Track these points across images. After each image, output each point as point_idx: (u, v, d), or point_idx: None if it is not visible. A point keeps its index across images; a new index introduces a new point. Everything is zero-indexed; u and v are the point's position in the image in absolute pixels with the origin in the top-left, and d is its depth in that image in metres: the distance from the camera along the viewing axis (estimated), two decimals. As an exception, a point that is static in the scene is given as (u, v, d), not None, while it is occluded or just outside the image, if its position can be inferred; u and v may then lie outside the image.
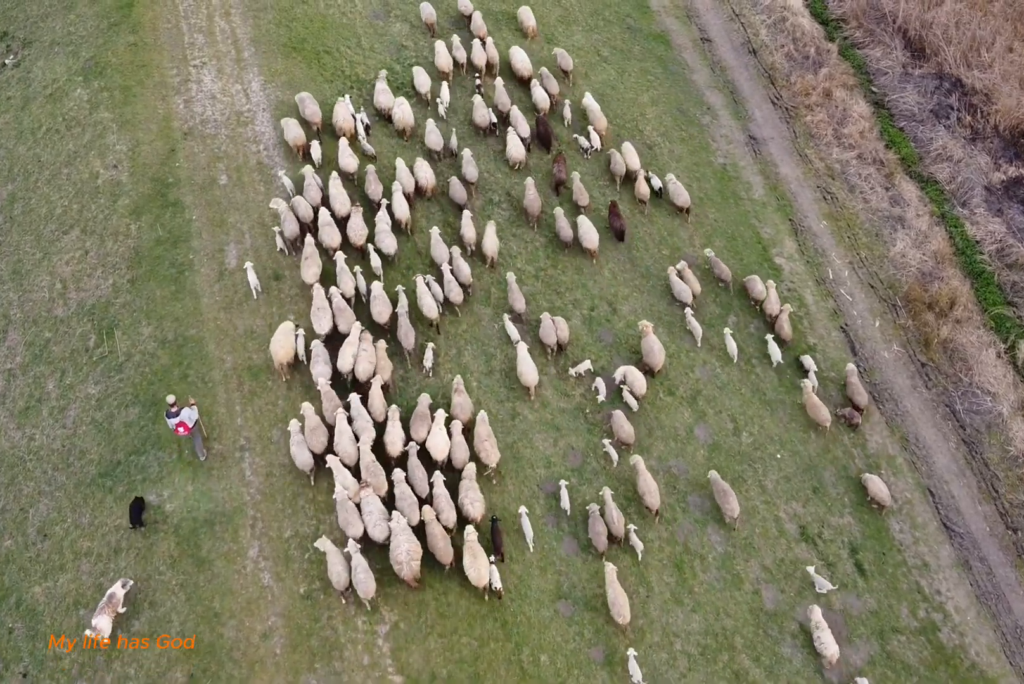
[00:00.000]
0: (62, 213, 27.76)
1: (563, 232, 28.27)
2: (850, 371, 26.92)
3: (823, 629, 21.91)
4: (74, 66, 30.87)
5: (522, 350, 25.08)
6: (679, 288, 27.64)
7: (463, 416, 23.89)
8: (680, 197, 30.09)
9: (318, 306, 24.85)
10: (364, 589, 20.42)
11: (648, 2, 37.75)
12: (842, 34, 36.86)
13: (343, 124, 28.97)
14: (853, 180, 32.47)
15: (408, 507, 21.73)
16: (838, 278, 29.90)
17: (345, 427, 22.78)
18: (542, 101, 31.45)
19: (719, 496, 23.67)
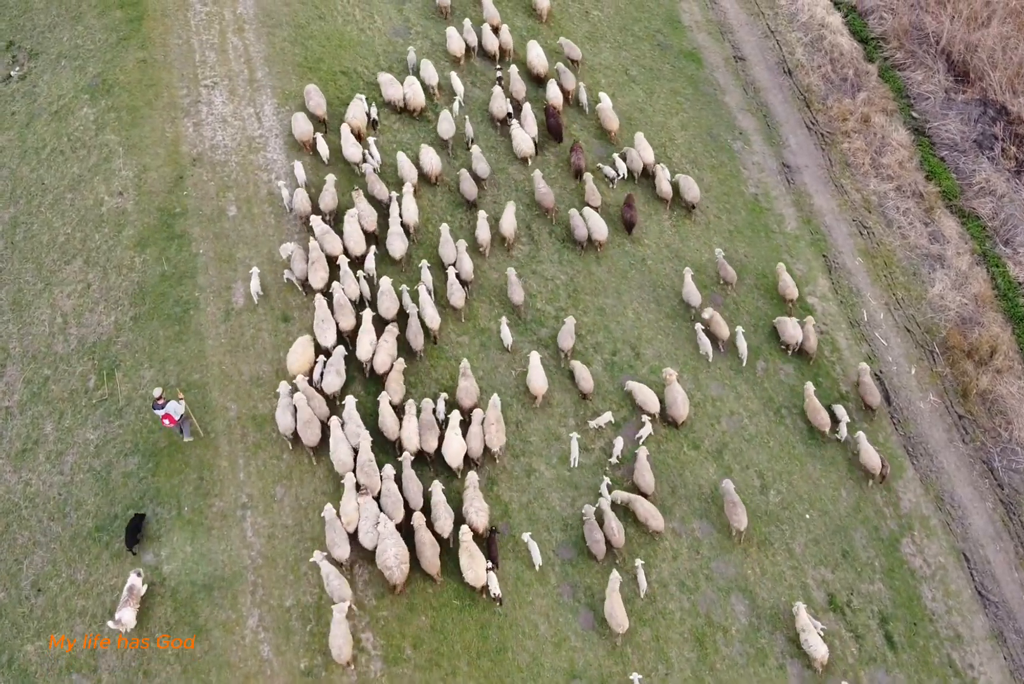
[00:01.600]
0: (64, 241, 26.63)
1: (578, 231, 27.68)
2: (863, 370, 26.20)
3: (810, 631, 21.53)
4: (81, 82, 29.64)
5: (534, 359, 24.65)
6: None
7: (468, 401, 23.69)
8: (690, 192, 29.33)
9: (322, 318, 24.06)
10: (339, 595, 20.20)
11: (679, 17, 36.23)
12: (882, 54, 35.27)
13: (356, 122, 28.39)
14: (891, 214, 31.03)
15: (392, 505, 21.49)
16: (873, 320, 28.55)
17: (340, 435, 22.36)
18: (555, 98, 30.71)
19: (728, 507, 23.11)
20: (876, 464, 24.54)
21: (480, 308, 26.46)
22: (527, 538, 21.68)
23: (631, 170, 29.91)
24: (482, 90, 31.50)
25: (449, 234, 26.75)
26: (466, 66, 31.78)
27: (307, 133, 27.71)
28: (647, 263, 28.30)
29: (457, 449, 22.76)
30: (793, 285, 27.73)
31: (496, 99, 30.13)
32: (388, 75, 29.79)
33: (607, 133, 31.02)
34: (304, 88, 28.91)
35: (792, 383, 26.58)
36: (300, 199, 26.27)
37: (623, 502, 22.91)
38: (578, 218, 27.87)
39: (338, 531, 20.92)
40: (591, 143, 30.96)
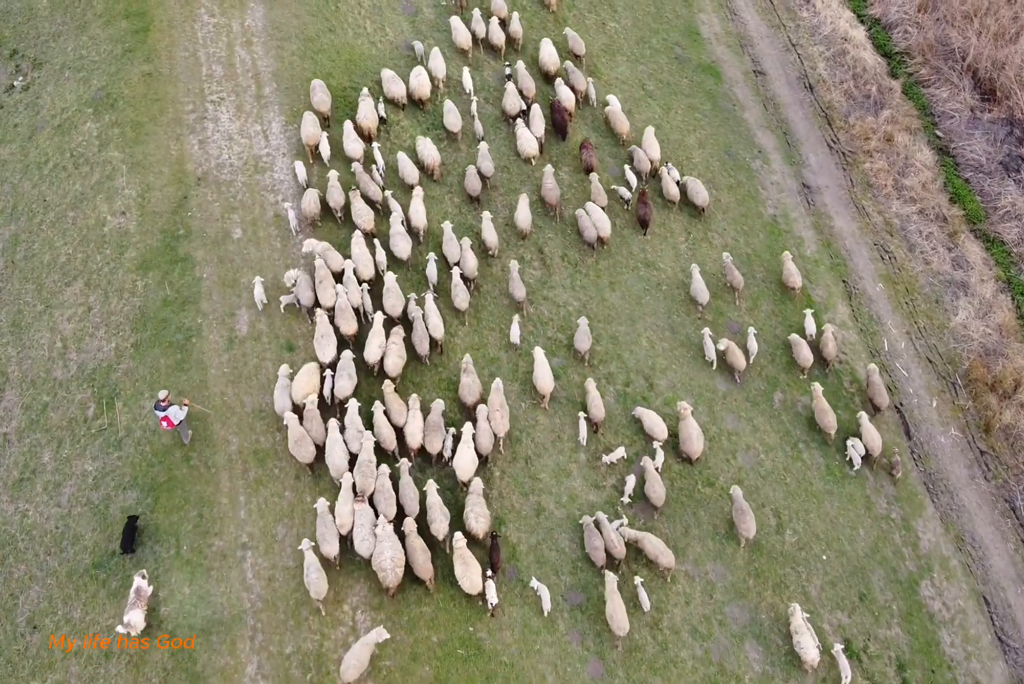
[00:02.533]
0: (66, 262, 25.98)
1: (587, 232, 27.38)
2: (872, 370, 25.79)
3: (803, 633, 21.33)
4: (85, 95, 28.92)
5: (539, 355, 24.41)
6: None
7: (471, 397, 23.50)
8: (699, 196, 28.94)
9: (322, 333, 23.62)
10: (315, 589, 20.13)
11: (698, 28, 35.32)
12: (906, 69, 34.34)
13: (367, 123, 28.04)
14: (913, 238, 30.20)
15: (385, 501, 21.41)
16: (894, 350, 27.76)
17: (337, 437, 22.14)
18: (567, 99, 30.28)
19: (736, 514, 22.87)
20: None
21: (485, 308, 26.16)
22: (536, 585, 21.03)
23: (638, 171, 29.54)
24: (494, 86, 31.05)
25: (452, 232, 26.30)
26: (474, 60, 31.26)
27: (315, 136, 27.27)
28: (662, 288, 27.54)
29: (468, 463, 22.43)
30: (797, 274, 27.69)
31: (509, 96, 29.77)
32: (390, 71, 29.36)
33: (617, 136, 30.47)
34: (310, 83, 28.45)
35: (810, 415, 25.83)
36: (309, 200, 25.90)
37: (632, 540, 22.24)
38: (586, 219, 27.48)
39: (329, 527, 20.86)
40: (599, 142, 30.40)
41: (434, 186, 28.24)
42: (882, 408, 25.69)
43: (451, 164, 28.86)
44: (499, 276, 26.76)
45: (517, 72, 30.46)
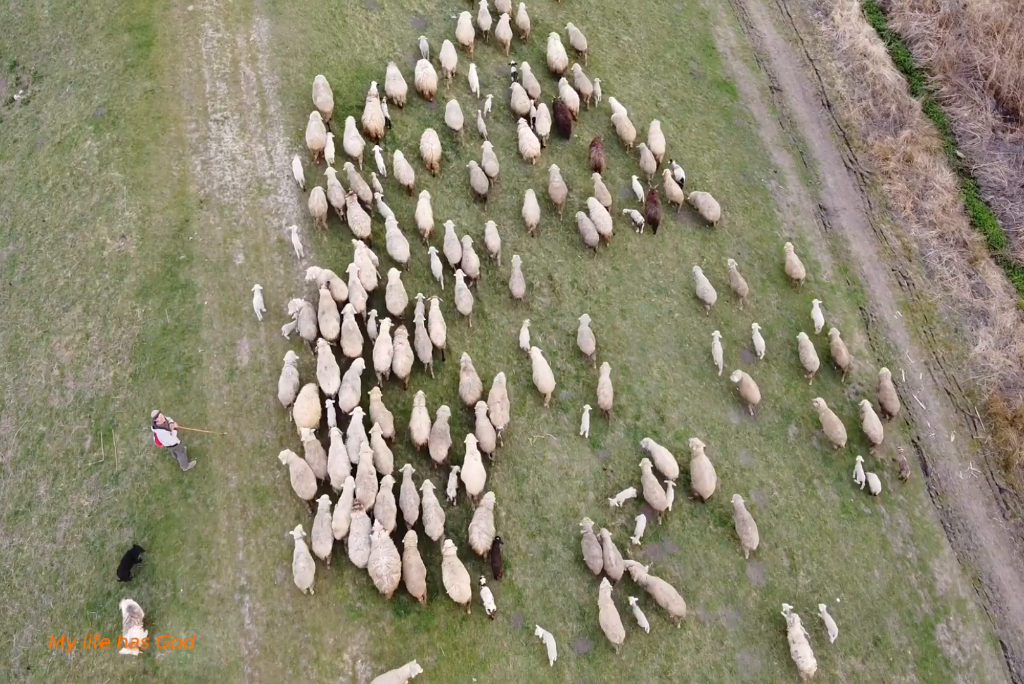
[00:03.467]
0: (64, 286, 25.38)
1: (588, 235, 27.10)
2: (884, 375, 25.65)
3: (801, 642, 21.17)
4: (86, 111, 28.26)
5: (537, 355, 24.23)
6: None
7: (471, 396, 23.45)
8: (711, 210, 28.47)
9: (325, 364, 22.94)
10: (300, 578, 20.20)
11: (714, 42, 34.52)
12: (926, 87, 33.52)
13: (374, 124, 27.62)
14: (932, 264, 29.46)
15: (385, 513, 21.10)
16: (911, 381, 27.08)
17: (340, 447, 21.84)
18: (571, 101, 29.95)
19: (739, 525, 22.69)
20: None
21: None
22: (541, 633, 20.43)
23: (646, 172, 29.23)
24: (499, 83, 30.67)
25: (454, 231, 26.03)
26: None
27: (319, 141, 26.83)
28: (674, 316, 26.87)
29: (477, 475, 22.20)
30: (800, 265, 27.77)
31: (517, 95, 29.45)
32: (395, 68, 28.91)
33: (623, 143, 29.99)
34: (313, 81, 27.91)
35: (825, 450, 25.22)
36: (316, 199, 25.45)
37: (643, 585, 21.62)
38: (586, 222, 27.15)
39: (325, 526, 20.83)
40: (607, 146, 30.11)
41: (438, 186, 27.84)
42: (894, 413, 25.50)
43: (455, 163, 28.50)
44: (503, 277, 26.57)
45: (523, 73, 30.06)
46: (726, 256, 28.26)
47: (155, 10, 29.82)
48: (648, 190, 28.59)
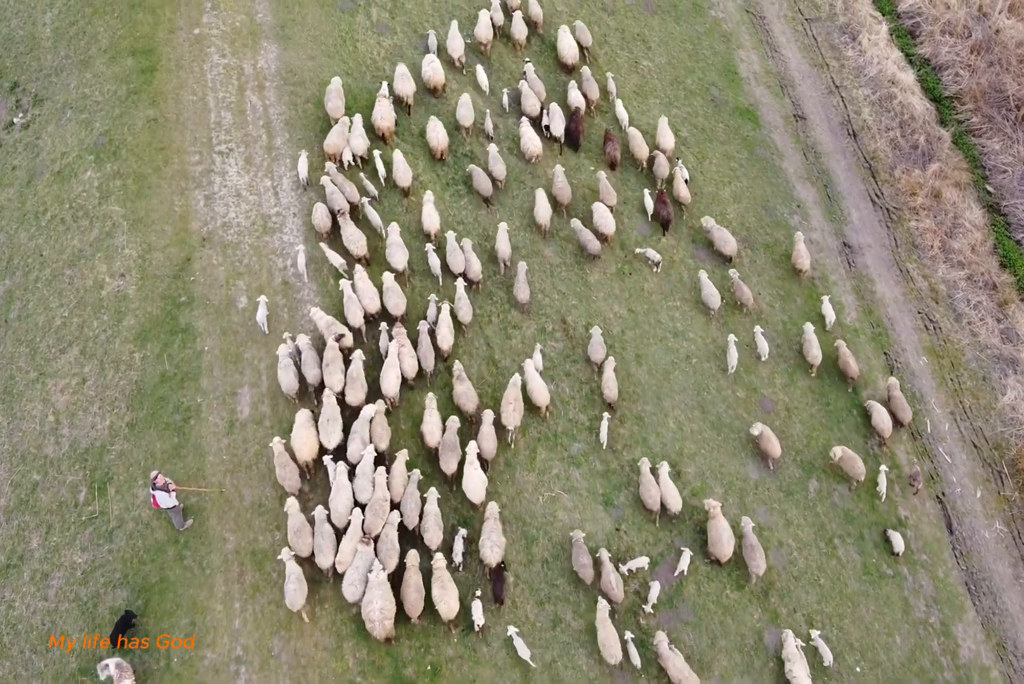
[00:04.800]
0: (61, 325, 24.52)
1: (591, 245, 26.58)
2: (892, 385, 25.47)
3: (795, 661, 20.85)
4: (86, 140, 27.33)
5: (530, 369, 23.83)
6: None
7: (470, 405, 23.11)
8: (728, 245, 27.61)
9: (328, 417, 22.11)
10: (291, 599, 19.75)
11: (736, 67, 33.39)
12: (956, 116, 32.37)
13: (384, 124, 27.11)
14: (960, 307, 28.40)
15: (387, 552, 20.57)
16: (937, 432, 26.09)
17: (344, 483, 21.14)
18: (576, 103, 29.24)
19: (747, 550, 22.15)
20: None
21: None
22: (512, 632, 20.05)
23: (658, 177, 28.63)
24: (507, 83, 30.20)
25: (456, 241, 25.41)
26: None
27: (338, 146, 26.33)
28: (691, 362, 25.89)
29: (478, 484, 21.90)
30: (806, 255, 27.59)
31: (527, 98, 28.81)
32: (403, 67, 28.24)
33: (636, 162, 29.19)
34: (328, 87, 27.34)
35: (847, 506, 24.29)
36: (320, 214, 24.95)
37: (658, 657, 20.74)
38: (584, 232, 26.61)
39: (327, 538, 20.48)
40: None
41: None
42: (905, 422, 25.32)
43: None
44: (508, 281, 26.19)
45: (528, 74, 29.47)
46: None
47: (160, 33, 28.85)
48: (656, 190, 28.25)
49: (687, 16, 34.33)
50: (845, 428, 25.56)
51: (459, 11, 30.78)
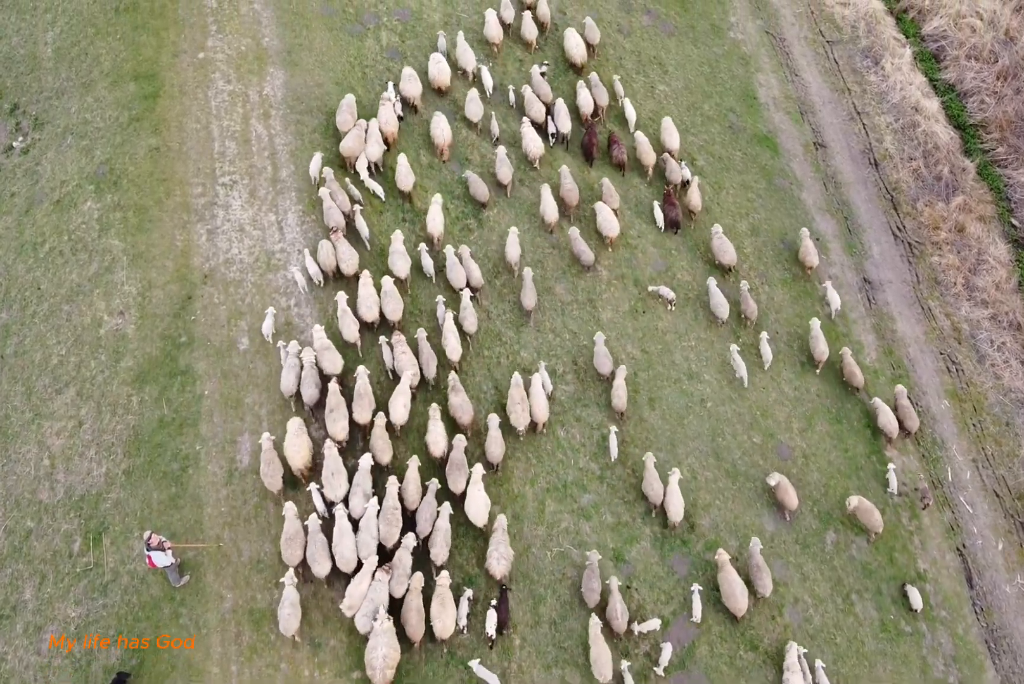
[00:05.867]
0: (58, 364, 23.83)
1: (584, 256, 26.10)
2: (899, 393, 25.35)
3: (795, 671, 20.70)
4: (87, 168, 26.58)
5: (536, 384, 23.44)
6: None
7: (465, 417, 22.85)
8: (726, 255, 27.12)
9: (332, 471, 21.53)
10: (285, 625, 19.52)
11: (755, 92, 32.49)
12: (981, 145, 31.44)
13: (389, 128, 26.89)
14: (984, 348, 27.56)
15: (399, 577, 20.31)
16: (958, 480, 25.31)
17: (346, 528, 20.61)
18: (586, 105, 28.92)
19: (753, 571, 21.88)
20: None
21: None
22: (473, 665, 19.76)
23: (670, 182, 28.41)
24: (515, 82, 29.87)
25: (455, 256, 25.04)
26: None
27: (355, 150, 26.08)
28: (707, 405, 25.12)
29: (481, 507, 21.62)
30: (815, 252, 27.41)
31: (532, 103, 28.44)
32: (410, 69, 27.89)
33: (643, 168, 28.79)
34: (341, 101, 26.97)
35: (864, 559, 23.54)
36: (326, 252, 24.37)
37: None
38: (579, 242, 26.19)
39: (320, 547, 20.25)
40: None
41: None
42: (912, 430, 25.16)
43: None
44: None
45: (533, 76, 29.08)
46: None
47: (163, 57, 28.06)
48: (664, 191, 28.05)
49: (705, 38, 33.43)
50: (864, 476, 24.80)
51: (471, 34, 29.92)
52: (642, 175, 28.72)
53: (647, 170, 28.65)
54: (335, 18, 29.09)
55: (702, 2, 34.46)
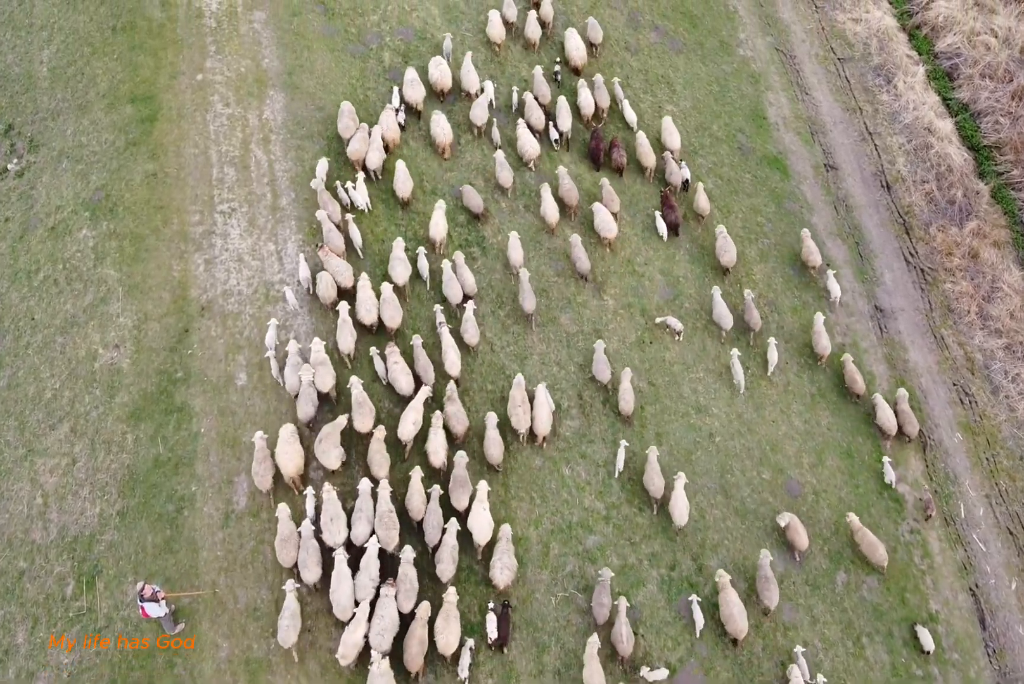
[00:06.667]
0: (51, 399, 23.31)
1: (579, 264, 25.82)
2: (901, 397, 25.18)
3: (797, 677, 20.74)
4: (82, 193, 26.03)
5: (541, 393, 23.29)
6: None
7: (460, 427, 22.64)
8: (726, 255, 26.93)
9: (331, 516, 21.04)
10: (284, 636, 19.33)
11: (765, 111, 31.84)
12: (995, 167, 30.79)
13: (390, 134, 26.73)
14: (997, 379, 26.96)
15: (405, 592, 20.11)
16: (971, 517, 24.75)
17: (344, 572, 20.08)
18: (586, 106, 28.78)
19: (761, 582, 21.78)
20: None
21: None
22: None
23: (670, 183, 28.27)
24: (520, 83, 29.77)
25: (451, 271, 24.70)
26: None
27: (362, 153, 25.99)
28: (715, 440, 24.58)
29: (485, 526, 21.31)
30: (817, 252, 27.37)
31: (532, 110, 28.17)
32: (413, 72, 27.60)
33: (643, 169, 28.63)
34: (339, 108, 26.73)
35: (876, 600, 23.01)
36: (326, 284, 23.86)
37: None
38: (579, 249, 25.87)
39: (312, 553, 20.10)
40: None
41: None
42: (912, 436, 25.03)
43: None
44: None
45: (534, 78, 28.77)
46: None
47: (161, 78, 27.47)
48: (661, 192, 27.89)
49: (714, 55, 32.78)
50: (876, 513, 24.26)
51: (477, 54, 29.34)
52: (643, 176, 28.59)
53: (647, 171, 28.51)
54: (337, 38, 28.48)
55: (711, 17, 33.81)
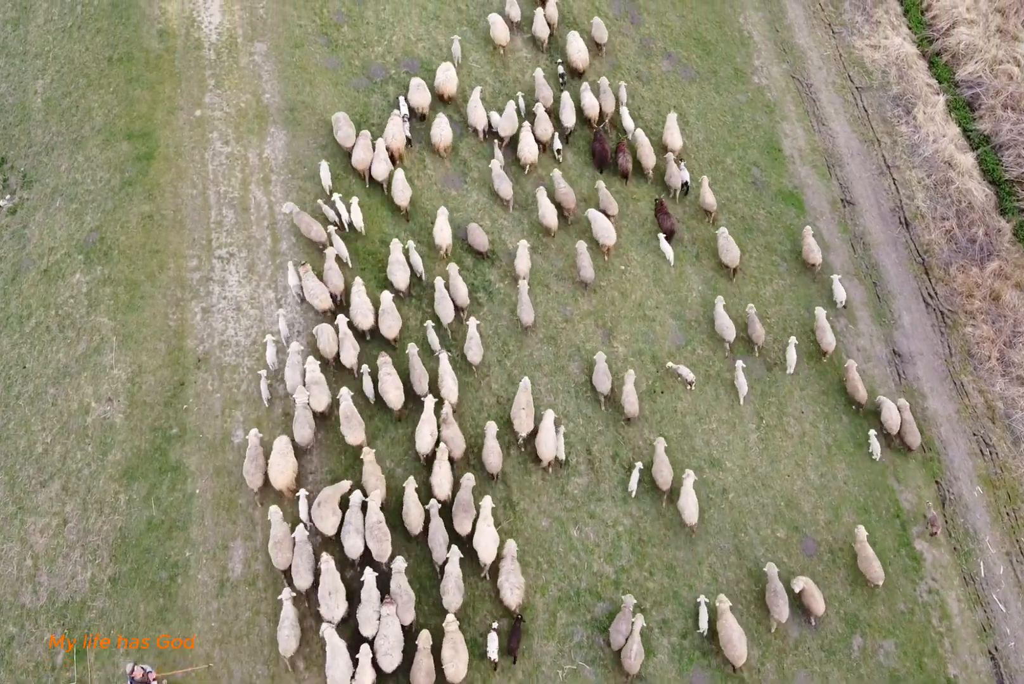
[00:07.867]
0: (43, 453, 22.55)
1: (583, 271, 25.58)
2: (903, 406, 24.90)
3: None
4: (76, 235, 25.20)
5: (548, 420, 22.90)
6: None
7: (457, 450, 22.30)
8: (728, 254, 26.81)
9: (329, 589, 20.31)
10: (285, 646, 19.26)
11: (780, 143, 30.92)
12: (1017, 203, 29.87)
13: (396, 144, 26.22)
14: (1019, 429, 26.16)
15: (404, 604, 19.89)
16: (991, 576, 23.98)
17: (338, 646, 19.38)
18: (590, 108, 28.47)
19: (770, 595, 21.60)
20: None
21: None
22: None
23: (670, 187, 28.06)
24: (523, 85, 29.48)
25: (444, 288, 24.29)
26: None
27: (366, 161, 25.65)
28: (728, 496, 23.79)
29: (489, 543, 20.98)
30: (817, 249, 27.31)
31: (541, 121, 27.66)
32: (418, 79, 27.19)
33: (643, 170, 28.31)
34: (333, 115, 26.40)
35: (892, 665, 22.30)
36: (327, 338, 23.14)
37: None
38: (585, 257, 25.65)
39: (304, 559, 19.94)
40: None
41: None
42: (913, 448, 24.91)
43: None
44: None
45: (536, 80, 28.65)
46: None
47: (158, 114, 26.59)
48: (655, 200, 27.74)
49: (728, 84, 31.83)
50: (893, 572, 23.52)
51: (484, 84, 28.46)
52: (646, 182, 28.36)
53: (647, 172, 28.23)
54: (340, 71, 27.57)
55: (725, 44, 32.86)
